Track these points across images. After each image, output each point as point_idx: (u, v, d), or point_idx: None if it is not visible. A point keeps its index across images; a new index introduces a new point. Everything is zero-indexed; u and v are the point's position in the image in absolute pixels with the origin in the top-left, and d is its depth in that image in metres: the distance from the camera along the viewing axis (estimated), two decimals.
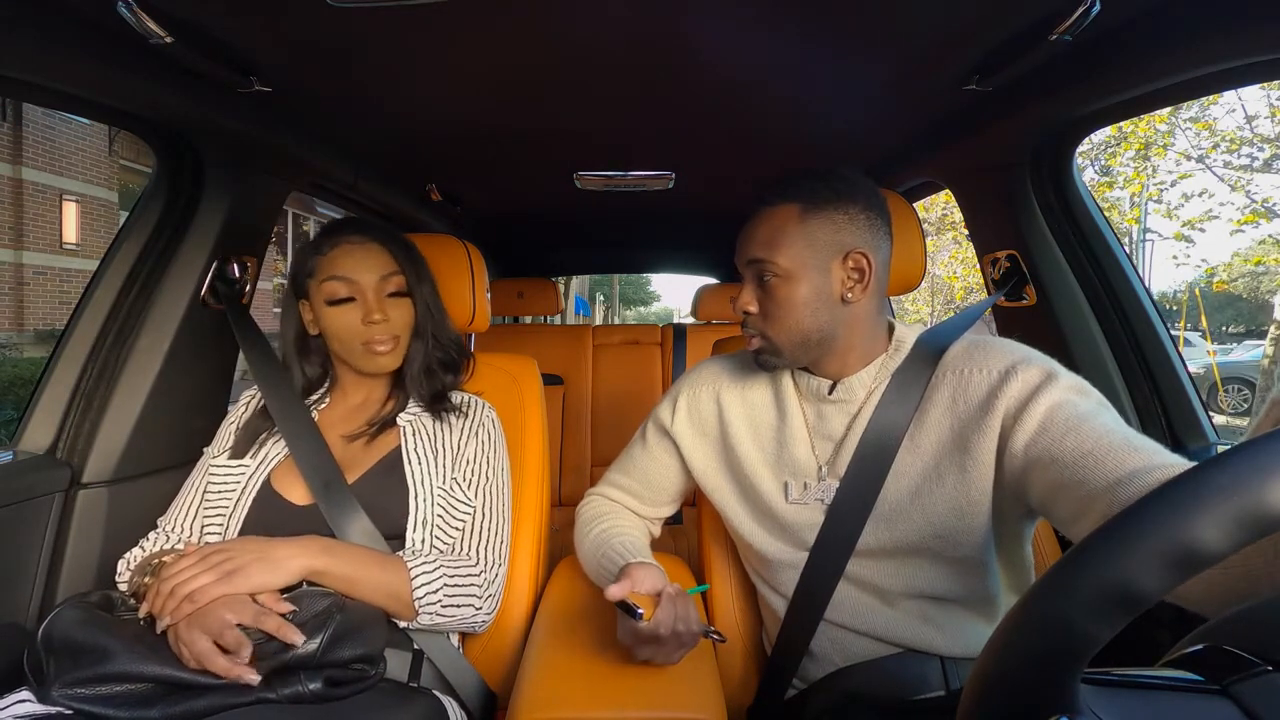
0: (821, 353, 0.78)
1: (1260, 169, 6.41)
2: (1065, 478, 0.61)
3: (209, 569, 0.68)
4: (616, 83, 0.93)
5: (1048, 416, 0.65)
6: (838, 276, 0.74)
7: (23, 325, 7.11)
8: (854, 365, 0.79)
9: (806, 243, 0.73)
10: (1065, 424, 0.63)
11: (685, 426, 0.89)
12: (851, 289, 0.74)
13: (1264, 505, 0.27)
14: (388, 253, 0.91)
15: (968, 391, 0.72)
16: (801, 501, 0.80)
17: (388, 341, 0.89)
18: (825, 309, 0.75)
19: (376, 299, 0.88)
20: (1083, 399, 0.66)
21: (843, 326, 0.76)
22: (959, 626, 0.74)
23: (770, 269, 0.74)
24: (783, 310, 0.75)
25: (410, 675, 0.80)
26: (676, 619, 0.69)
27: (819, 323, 0.75)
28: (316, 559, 0.73)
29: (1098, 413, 0.64)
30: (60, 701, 0.61)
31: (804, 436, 0.82)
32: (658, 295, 36.23)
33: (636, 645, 0.70)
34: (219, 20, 0.73)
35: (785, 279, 0.74)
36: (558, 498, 2.18)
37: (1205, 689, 0.36)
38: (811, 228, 0.73)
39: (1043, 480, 0.64)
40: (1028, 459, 0.65)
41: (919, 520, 0.72)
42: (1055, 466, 0.62)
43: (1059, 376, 0.68)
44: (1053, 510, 0.63)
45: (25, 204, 7.03)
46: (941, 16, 0.74)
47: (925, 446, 0.74)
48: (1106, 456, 0.59)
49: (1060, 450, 0.62)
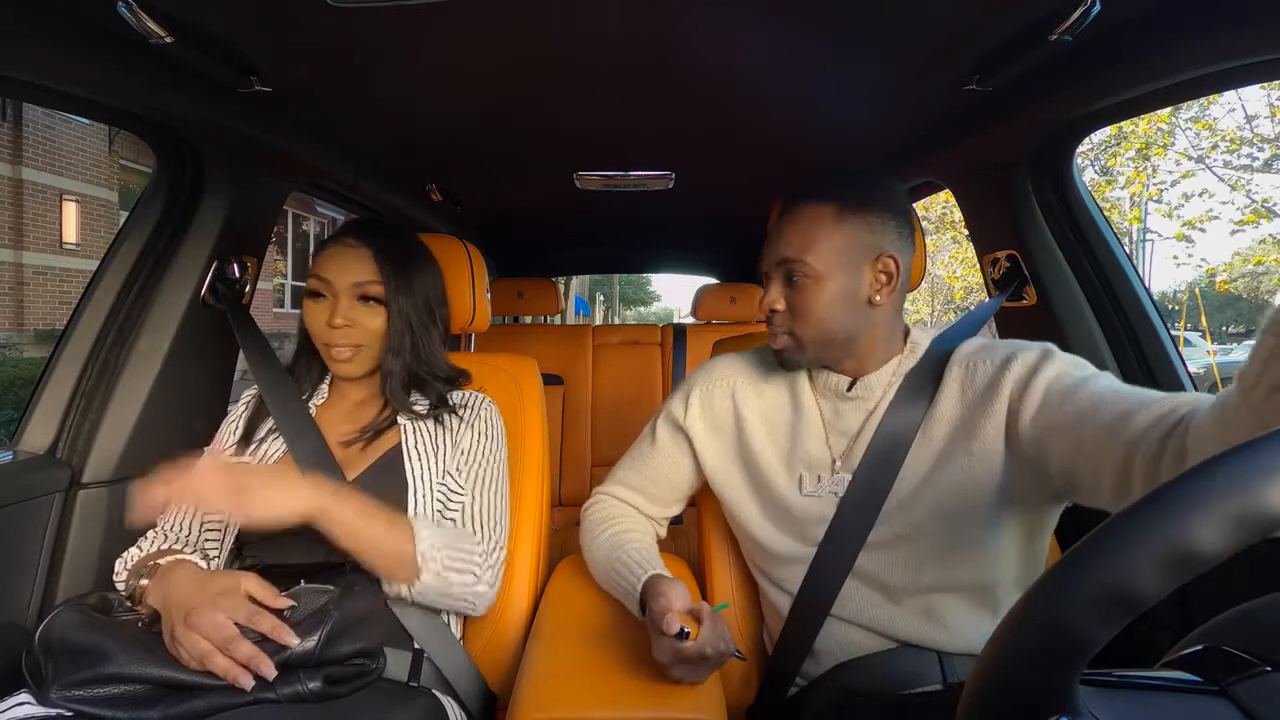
0: (844, 352, 0.80)
1: (1260, 169, 6.41)
2: (1073, 441, 0.63)
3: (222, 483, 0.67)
4: (616, 83, 0.93)
5: (1048, 389, 0.68)
6: (867, 279, 0.76)
7: (23, 325, 7.11)
8: (872, 365, 0.80)
9: (841, 244, 0.75)
10: (1064, 392, 0.66)
11: (699, 422, 0.90)
12: (879, 291, 0.76)
13: (1263, 506, 0.27)
14: (372, 259, 0.89)
15: (975, 381, 0.75)
16: (815, 494, 0.81)
17: (346, 349, 0.88)
18: (852, 310, 0.76)
19: (347, 302, 0.88)
20: (1078, 370, 0.69)
21: (866, 328, 0.78)
22: (962, 622, 0.74)
23: (801, 268, 0.76)
24: (811, 309, 0.76)
25: (410, 675, 0.80)
26: (718, 638, 0.69)
27: (845, 323, 0.77)
28: (325, 499, 0.72)
29: (1095, 377, 0.67)
30: (59, 703, 0.61)
31: (819, 432, 0.83)
32: (658, 295, 36.23)
33: (675, 664, 0.69)
34: (219, 20, 0.73)
35: (816, 279, 0.75)
36: (558, 498, 2.18)
37: (1204, 690, 0.36)
38: (846, 230, 0.75)
39: (1058, 452, 0.65)
40: (1037, 432, 0.68)
41: (928, 503, 0.74)
42: (1062, 433, 0.65)
43: (1055, 354, 0.71)
44: (1075, 481, 0.64)
45: (25, 204, 7.03)
46: (941, 16, 0.73)
47: (935, 436, 0.76)
48: (1099, 408, 0.61)
49: (1062, 416, 0.65)
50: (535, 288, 2.47)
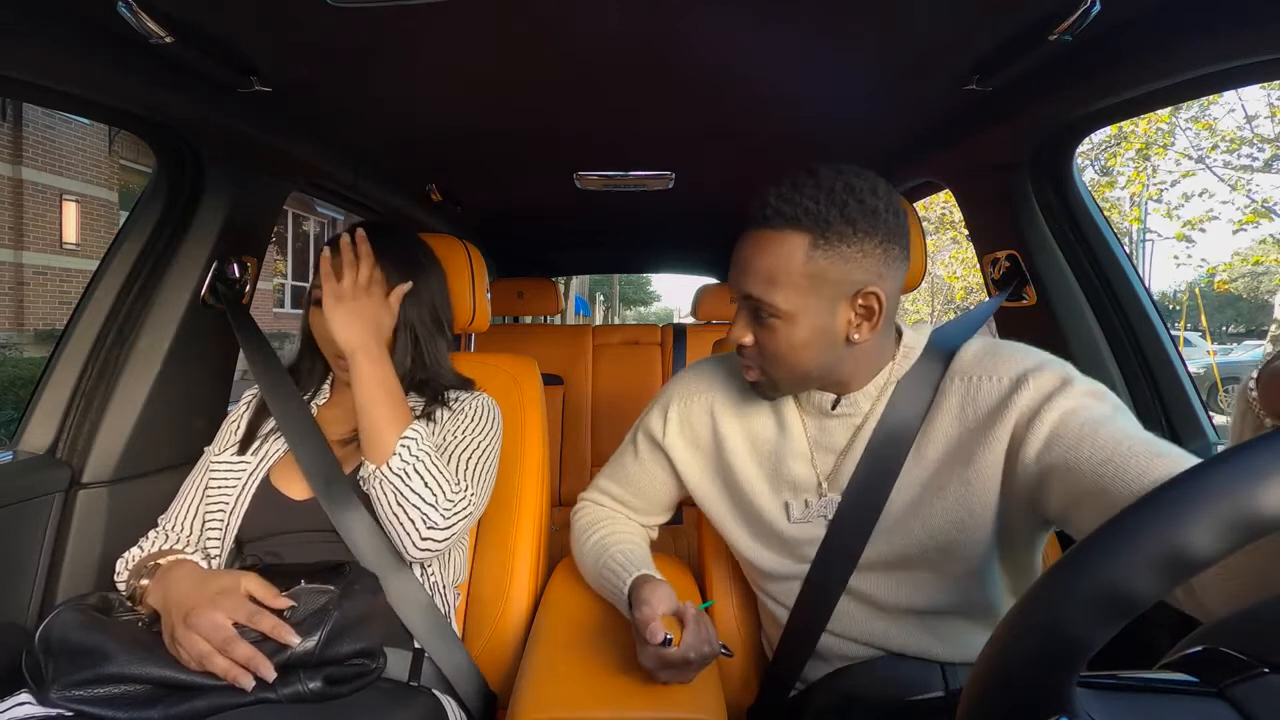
0: (823, 383, 0.75)
1: (1260, 169, 6.40)
2: (1085, 487, 0.58)
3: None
4: (616, 83, 0.93)
5: (1061, 423, 0.62)
6: (844, 316, 0.68)
7: (23, 325, 7.12)
8: (859, 384, 0.75)
9: (811, 284, 0.66)
10: (1079, 431, 0.60)
11: (677, 439, 0.86)
12: (858, 328, 0.68)
13: (1256, 509, 0.27)
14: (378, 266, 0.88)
15: (977, 401, 0.69)
16: (804, 519, 0.77)
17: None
18: (828, 349, 0.69)
19: None
20: (1098, 404, 0.63)
21: (846, 362, 0.72)
22: (959, 637, 0.73)
23: (767, 309, 0.68)
24: (780, 351, 0.69)
25: (410, 675, 0.80)
26: (702, 641, 0.68)
27: (821, 361, 0.70)
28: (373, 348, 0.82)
29: (1114, 417, 0.61)
30: (60, 703, 0.61)
31: (804, 450, 0.78)
32: (658, 295, 36.21)
33: (661, 669, 0.68)
34: (219, 20, 0.73)
35: (784, 320, 0.67)
36: (558, 498, 2.18)
37: (1202, 691, 0.36)
38: (820, 266, 0.65)
39: (1061, 490, 0.60)
40: (1041, 468, 0.62)
41: (919, 533, 0.70)
42: (1072, 475, 0.59)
43: (1074, 382, 0.64)
44: (1074, 521, 0.60)
45: (25, 204, 7.03)
46: (941, 16, 0.73)
47: (929, 456, 0.71)
48: (1128, 463, 0.55)
49: (1076, 458, 0.59)
50: (535, 288, 2.47)
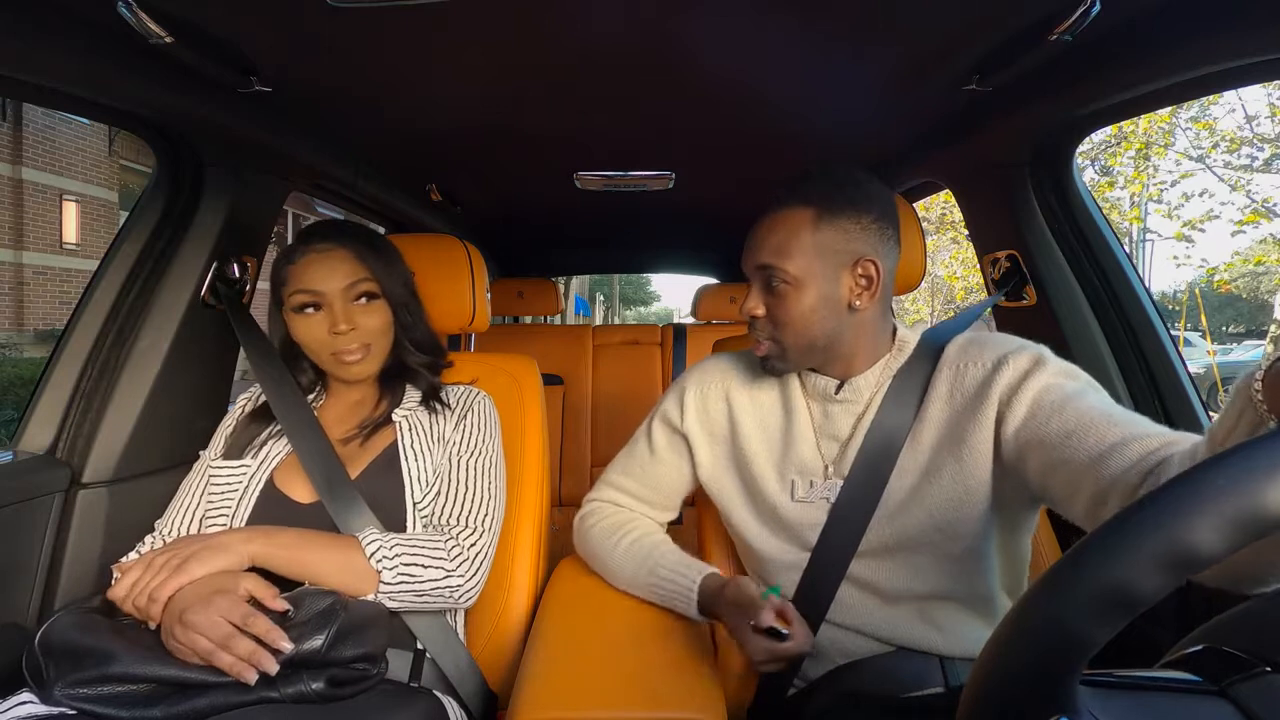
0: (828, 356, 0.79)
1: (1260, 169, 6.40)
2: (1054, 458, 0.63)
3: (157, 570, 0.69)
4: (616, 83, 0.93)
5: (1036, 401, 0.67)
6: (846, 284, 0.75)
7: (23, 325, 7.11)
8: (859, 367, 0.80)
9: (818, 250, 0.73)
10: (1051, 406, 0.66)
11: (695, 425, 0.89)
12: (859, 296, 0.75)
13: (1260, 507, 0.27)
14: (354, 258, 0.88)
15: (964, 384, 0.74)
16: (807, 500, 0.80)
17: (357, 351, 0.87)
18: (832, 316, 0.75)
19: (343, 308, 0.87)
20: (1069, 381, 0.68)
21: (849, 331, 0.77)
22: (958, 627, 0.75)
23: (780, 275, 0.75)
24: (791, 316, 0.75)
25: (411, 675, 0.80)
26: (807, 632, 0.70)
27: (826, 328, 0.76)
28: (257, 542, 0.74)
29: (1083, 393, 0.66)
30: (63, 701, 0.61)
31: (810, 436, 0.82)
32: (658, 295, 36.20)
33: (769, 660, 0.69)
34: (219, 20, 0.73)
35: (794, 286, 0.74)
36: (558, 498, 2.18)
37: (1204, 690, 0.36)
38: (824, 235, 0.73)
39: (1036, 464, 0.65)
40: (1020, 444, 0.68)
41: (919, 514, 0.74)
42: (1044, 448, 0.64)
43: (1047, 362, 0.70)
44: (1049, 493, 0.65)
45: (25, 204, 7.03)
46: (941, 16, 0.74)
47: (925, 442, 0.75)
48: (1087, 433, 0.61)
49: (1047, 432, 0.65)
50: (535, 288, 2.47)
